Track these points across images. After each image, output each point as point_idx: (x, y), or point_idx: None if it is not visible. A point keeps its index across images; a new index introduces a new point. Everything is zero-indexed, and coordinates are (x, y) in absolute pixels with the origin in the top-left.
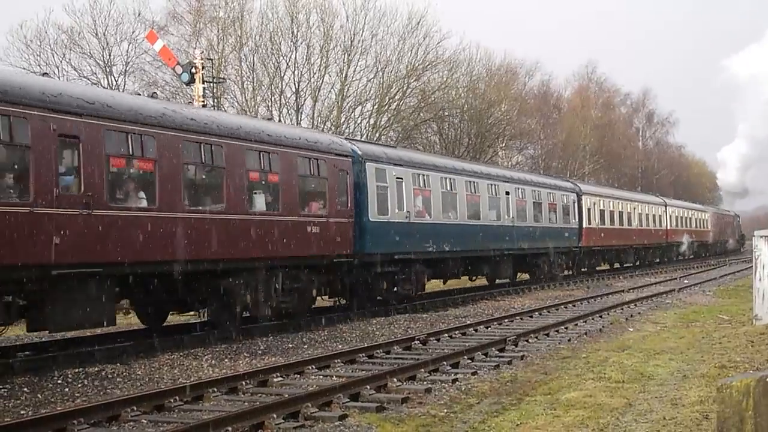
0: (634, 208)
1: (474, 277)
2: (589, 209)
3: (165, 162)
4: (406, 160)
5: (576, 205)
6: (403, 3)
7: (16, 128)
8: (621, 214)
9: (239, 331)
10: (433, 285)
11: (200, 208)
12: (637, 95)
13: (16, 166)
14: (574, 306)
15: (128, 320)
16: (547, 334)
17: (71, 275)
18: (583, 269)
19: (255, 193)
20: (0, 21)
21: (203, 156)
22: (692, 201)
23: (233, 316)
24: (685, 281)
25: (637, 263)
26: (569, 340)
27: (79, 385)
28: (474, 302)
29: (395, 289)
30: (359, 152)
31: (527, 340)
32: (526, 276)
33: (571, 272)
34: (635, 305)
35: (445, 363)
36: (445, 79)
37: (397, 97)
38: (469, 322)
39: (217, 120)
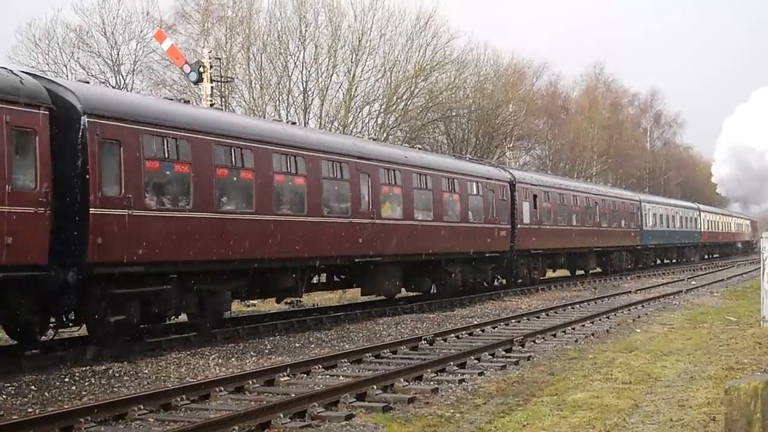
0: (721, 219)
1: (664, 260)
2: (703, 219)
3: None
4: (652, 200)
5: (699, 217)
6: (411, 3)
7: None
8: (716, 222)
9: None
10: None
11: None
12: (645, 96)
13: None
14: (581, 307)
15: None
16: (554, 335)
17: None
18: (702, 257)
19: (622, 218)
20: (9, 20)
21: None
22: (702, 203)
23: (607, 269)
24: (693, 282)
25: (716, 255)
26: (576, 341)
27: (86, 384)
28: (481, 303)
29: (646, 261)
30: (641, 199)
31: (534, 341)
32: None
33: (695, 259)
34: (642, 306)
35: (451, 363)
36: (452, 79)
37: (404, 97)
38: (475, 322)
39: (581, 187)
